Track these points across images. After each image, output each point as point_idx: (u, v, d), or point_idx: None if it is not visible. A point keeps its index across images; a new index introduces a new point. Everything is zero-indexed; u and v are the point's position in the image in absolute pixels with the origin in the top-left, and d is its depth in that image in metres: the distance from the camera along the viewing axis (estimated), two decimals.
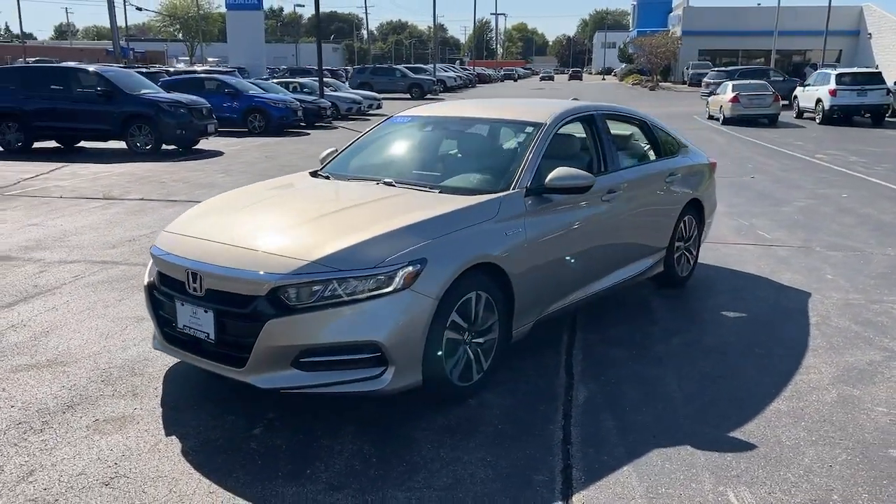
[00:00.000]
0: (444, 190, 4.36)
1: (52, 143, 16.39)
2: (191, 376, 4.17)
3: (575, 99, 6.07)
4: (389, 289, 3.47)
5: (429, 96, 41.60)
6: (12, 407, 3.78)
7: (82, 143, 16.51)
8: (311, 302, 3.42)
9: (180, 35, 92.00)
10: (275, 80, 28.32)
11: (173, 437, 3.49)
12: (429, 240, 3.68)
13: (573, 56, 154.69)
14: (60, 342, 4.68)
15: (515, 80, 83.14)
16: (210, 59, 66.62)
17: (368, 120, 26.47)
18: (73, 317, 5.15)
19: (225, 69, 32.79)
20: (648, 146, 5.93)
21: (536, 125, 4.79)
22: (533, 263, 4.25)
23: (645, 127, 5.93)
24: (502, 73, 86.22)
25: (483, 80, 66.74)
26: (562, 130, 5.02)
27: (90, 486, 3.06)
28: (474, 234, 3.92)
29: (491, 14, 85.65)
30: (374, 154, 5.27)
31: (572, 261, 4.63)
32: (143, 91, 15.81)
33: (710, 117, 26.31)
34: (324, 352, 3.45)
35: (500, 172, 4.52)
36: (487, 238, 3.96)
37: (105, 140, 16.00)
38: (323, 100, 23.98)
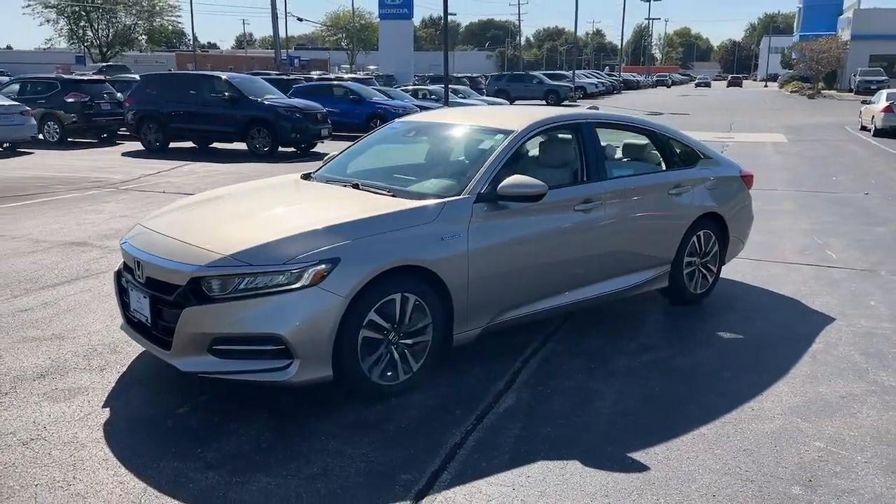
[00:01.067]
0: (398, 194, 4.48)
1: (190, 144, 17.90)
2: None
3: (593, 108, 5.98)
4: (297, 285, 3.66)
5: (566, 103, 41.23)
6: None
7: (215, 144, 17.89)
8: (225, 293, 3.67)
9: (345, 44, 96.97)
10: (404, 87, 29.24)
11: (107, 409, 3.86)
12: (347, 240, 3.82)
13: (738, 62, 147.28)
14: (73, 319, 5.24)
15: (668, 87, 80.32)
16: (370, 67, 69.77)
17: None
18: (98, 298, 5.73)
19: (367, 76, 34.24)
20: (654, 156, 5.73)
21: (506, 132, 4.80)
22: (479, 269, 4.27)
23: (654, 137, 5.73)
24: (654, 78, 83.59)
25: (630, 86, 65.07)
26: (542, 138, 5.00)
27: (11, 444, 3.48)
28: (403, 237, 4.01)
29: (645, 19, 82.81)
30: (363, 157, 5.47)
31: (535, 269, 4.61)
32: (265, 96, 16.93)
33: (863, 128, 24.33)
34: (234, 341, 3.69)
35: (458, 178, 4.58)
36: (418, 242, 4.05)
37: (231, 142, 17.26)
38: (445, 108, 24.46)
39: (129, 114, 17.45)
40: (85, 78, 20.06)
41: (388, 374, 4.02)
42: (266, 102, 16.43)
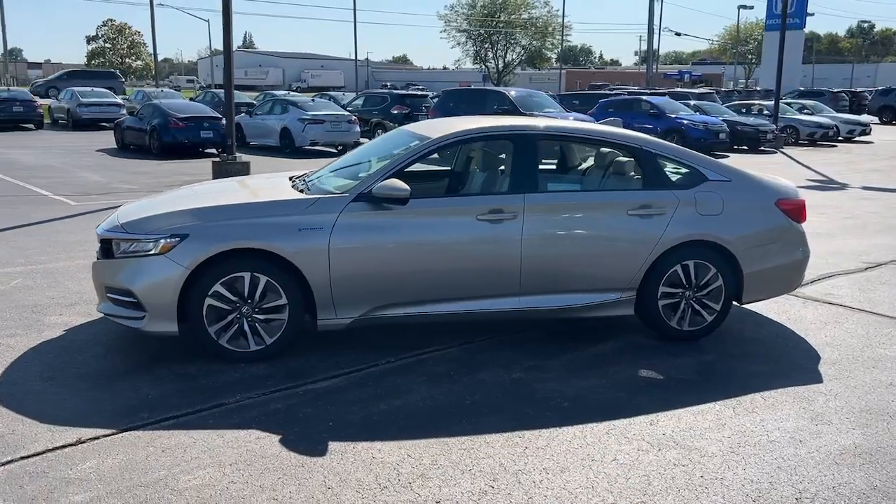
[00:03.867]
0: (307, 190, 5.04)
1: None
2: None
3: (614, 122, 5.74)
4: (151, 252, 4.53)
5: None
6: (59, 289, 5.96)
7: None
8: (114, 253, 4.70)
9: (751, 58, 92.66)
10: (734, 103, 27.39)
11: (66, 332, 5.17)
12: (200, 221, 4.58)
13: None
14: None
15: None
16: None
17: (835, 147, 23.77)
18: None
19: (710, 91, 32.81)
20: (626, 173, 5.25)
21: (421, 139, 5.02)
22: (345, 262, 4.63)
23: (636, 153, 5.22)
24: None
25: None
26: (468, 147, 5.08)
27: None
28: (259, 224, 4.59)
29: None
30: (350, 159, 5.99)
31: (423, 271, 4.75)
32: (543, 110, 17.78)
33: None
34: (114, 291, 4.70)
35: (360, 178, 4.95)
36: (273, 230, 4.58)
37: None
38: (767, 123, 22.51)
39: None
40: (409, 93, 23.01)
41: (238, 341, 4.65)
42: (534, 115, 17.22)
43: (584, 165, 5.59)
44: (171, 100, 21.94)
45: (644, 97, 22.37)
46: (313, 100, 21.40)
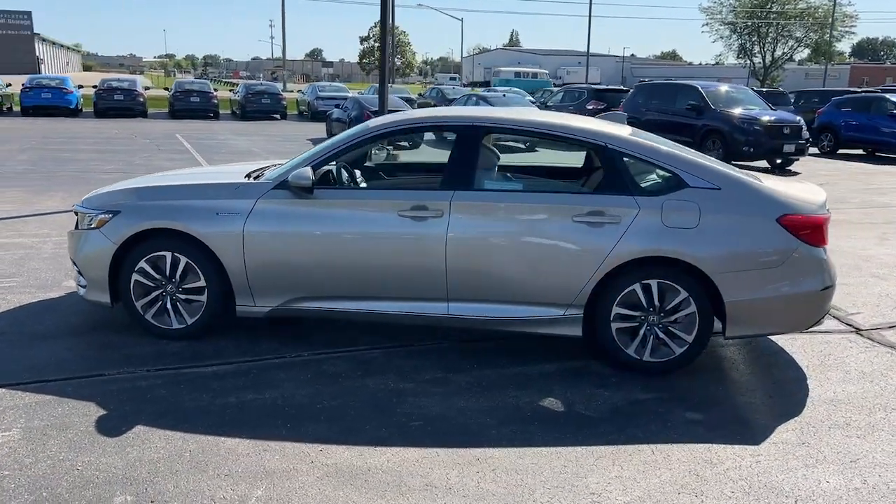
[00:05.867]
0: (252, 176, 5.04)
1: None
2: None
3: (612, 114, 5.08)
4: (92, 226, 4.83)
5: None
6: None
7: None
8: (80, 226, 5.08)
9: None
10: None
11: (68, 293, 5.71)
12: (133, 200, 4.79)
13: None
14: None
15: None
16: None
17: None
18: None
19: None
20: (581, 173, 4.50)
21: (363, 127, 4.77)
22: (260, 250, 4.58)
23: (602, 152, 4.47)
24: None
25: None
26: (404, 139, 4.72)
27: None
28: (182, 205, 4.68)
29: None
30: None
31: (342, 266, 4.54)
32: (746, 107, 16.06)
33: None
34: (72, 261, 5.09)
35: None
36: (193, 213, 4.65)
37: None
38: None
39: None
40: (608, 88, 21.99)
41: (162, 318, 4.80)
42: (726, 112, 15.58)
43: (536, 163, 4.93)
44: (373, 95, 23.17)
45: (888, 96, 19.13)
46: (504, 95, 21.35)
